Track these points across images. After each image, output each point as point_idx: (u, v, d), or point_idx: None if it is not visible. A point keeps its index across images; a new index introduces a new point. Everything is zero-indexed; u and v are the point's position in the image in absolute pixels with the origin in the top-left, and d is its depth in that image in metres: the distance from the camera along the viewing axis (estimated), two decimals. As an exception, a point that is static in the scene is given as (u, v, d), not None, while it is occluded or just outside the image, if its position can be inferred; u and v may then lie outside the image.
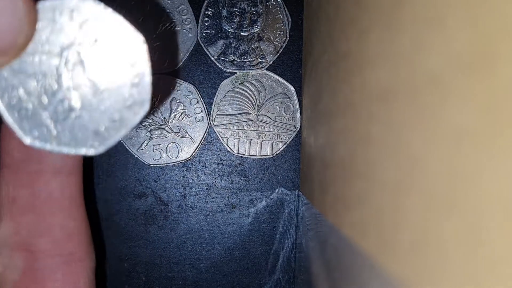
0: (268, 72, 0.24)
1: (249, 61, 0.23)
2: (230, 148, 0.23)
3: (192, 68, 0.24)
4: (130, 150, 0.23)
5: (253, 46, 0.23)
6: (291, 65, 0.24)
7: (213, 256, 0.24)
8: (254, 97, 0.24)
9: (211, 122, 0.23)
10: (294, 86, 0.24)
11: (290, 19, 0.24)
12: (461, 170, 0.08)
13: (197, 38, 0.23)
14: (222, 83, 0.23)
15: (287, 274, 0.24)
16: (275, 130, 0.24)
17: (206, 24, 0.23)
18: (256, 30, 0.23)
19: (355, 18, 0.14)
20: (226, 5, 0.23)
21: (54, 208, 0.16)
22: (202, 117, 0.23)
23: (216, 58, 0.23)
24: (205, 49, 0.23)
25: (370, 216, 0.12)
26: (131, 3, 0.23)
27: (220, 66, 0.23)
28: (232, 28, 0.23)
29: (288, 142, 0.24)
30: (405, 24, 0.10)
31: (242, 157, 0.24)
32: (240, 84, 0.24)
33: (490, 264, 0.07)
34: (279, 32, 0.23)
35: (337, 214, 0.15)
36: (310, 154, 0.21)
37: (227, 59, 0.23)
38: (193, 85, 0.23)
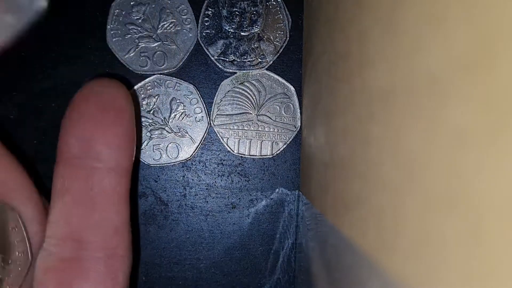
0: (268, 72, 0.24)
1: (249, 61, 0.23)
2: (230, 148, 0.23)
3: (192, 68, 0.24)
4: (130, 150, 0.23)
5: (253, 46, 0.23)
6: (291, 65, 0.24)
7: (213, 256, 0.24)
8: (254, 97, 0.24)
9: (211, 122, 0.23)
10: (294, 86, 0.24)
11: (290, 19, 0.24)
12: (461, 170, 0.08)
13: (197, 38, 0.23)
14: (222, 83, 0.23)
15: (287, 274, 0.24)
16: (275, 130, 0.24)
17: (206, 24, 0.23)
18: (256, 30, 0.23)
19: (355, 18, 0.14)
20: (226, 5, 0.23)
21: (105, 204, 0.17)
22: (202, 117, 0.23)
23: (216, 58, 0.23)
24: (205, 49, 0.23)
25: (370, 216, 0.12)
26: (131, 4, 0.23)
27: (220, 66, 0.23)
28: (232, 28, 0.23)
29: (288, 142, 0.24)
30: (405, 24, 0.10)
31: (242, 157, 0.24)
32: (240, 84, 0.24)
33: (490, 264, 0.07)
34: (279, 32, 0.23)
35: (337, 214, 0.15)
36: (310, 154, 0.21)
37: (227, 59, 0.23)
38: (193, 85, 0.23)
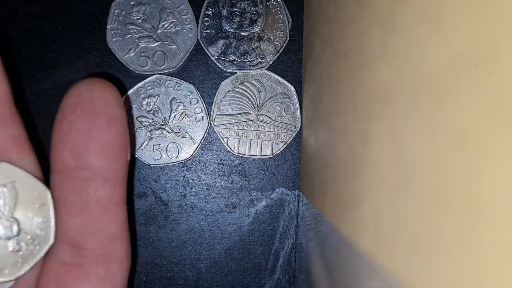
0: (268, 72, 0.24)
1: (249, 61, 0.23)
2: (230, 148, 0.23)
3: (192, 68, 0.24)
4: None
5: (253, 46, 0.23)
6: (291, 65, 0.24)
7: (213, 256, 0.24)
8: (254, 97, 0.24)
9: (211, 122, 0.23)
10: (294, 86, 0.24)
11: (290, 19, 0.24)
12: (461, 170, 0.08)
13: (197, 38, 0.23)
14: (222, 83, 0.23)
15: (287, 274, 0.24)
16: (275, 130, 0.24)
17: (206, 24, 0.23)
18: (256, 30, 0.23)
19: (355, 18, 0.14)
20: (226, 5, 0.23)
21: (101, 213, 0.17)
22: (202, 117, 0.23)
23: (216, 58, 0.23)
24: (205, 49, 0.23)
25: (370, 216, 0.12)
26: (131, 3, 0.23)
27: (220, 66, 0.23)
28: (232, 28, 0.23)
29: (288, 142, 0.24)
30: (405, 24, 0.10)
31: (242, 157, 0.24)
32: (240, 84, 0.24)
33: (490, 264, 0.07)
34: (279, 32, 0.23)
35: (337, 214, 0.15)
36: (310, 154, 0.21)
37: (227, 59, 0.23)
38: (193, 85, 0.23)
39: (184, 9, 0.23)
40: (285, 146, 0.24)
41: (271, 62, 0.23)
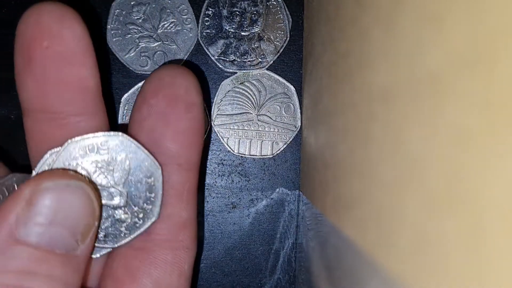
0: (268, 72, 0.24)
1: (249, 61, 0.23)
2: (230, 148, 0.23)
3: (192, 68, 0.24)
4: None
5: (253, 46, 0.23)
6: (292, 65, 0.24)
7: (213, 255, 0.24)
8: (254, 97, 0.24)
9: (212, 122, 0.23)
10: (294, 86, 0.24)
11: (290, 19, 0.24)
12: (461, 170, 0.08)
13: (197, 38, 0.23)
14: (222, 83, 0.23)
15: (288, 274, 0.24)
16: (276, 130, 0.24)
17: (206, 24, 0.23)
18: (256, 30, 0.23)
19: (355, 18, 0.14)
20: (226, 5, 0.23)
21: (174, 199, 0.17)
22: (203, 117, 0.23)
23: (216, 58, 0.23)
24: (205, 49, 0.23)
25: (371, 215, 0.12)
26: (131, 3, 0.23)
27: (220, 66, 0.23)
28: (232, 28, 0.23)
29: (288, 142, 0.24)
30: (405, 24, 0.10)
31: (242, 157, 0.24)
32: (240, 84, 0.24)
33: (490, 263, 0.07)
34: (280, 32, 0.23)
35: (337, 214, 0.15)
36: (310, 154, 0.21)
37: (228, 59, 0.23)
38: (193, 85, 0.23)
39: (184, 9, 0.23)
40: (285, 146, 0.24)
41: (271, 62, 0.23)
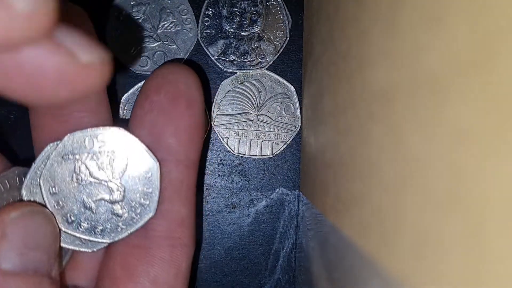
0: (268, 72, 0.24)
1: (249, 61, 0.23)
2: (230, 148, 0.23)
3: (192, 68, 0.24)
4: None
5: (253, 46, 0.23)
6: (291, 65, 0.24)
7: (213, 256, 0.24)
8: (254, 97, 0.24)
9: (211, 122, 0.23)
10: (294, 86, 0.24)
11: (290, 19, 0.24)
12: (461, 170, 0.08)
13: (197, 38, 0.23)
14: (222, 83, 0.23)
15: (287, 274, 0.24)
16: (276, 130, 0.24)
17: (206, 24, 0.23)
18: (256, 30, 0.23)
19: (355, 18, 0.14)
20: (226, 5, 0.23)
21: (172, 195, 0.17)
22: (202, 117, 0.23)
23: (216, 58, 0.23)
24: (205, 49, 0.23)
25: (371, 216, 0.12)
26: (131, 3, 0.23)
27: (220, 66, 0.23)
28: (232, 28, 0.23)
29: (288, 142, 0.24)
30: (405, 23, 0.10)
31: (242, 157, 0.24)
32: (240, 84, 0.24)
33: (491, 264, 0.07)
34: (279, 32, 0.23)
35: (337, 214, 0.15)
36: (310, 154, 0.21)
37: (227, 59, 0.23)
38: (193, 85, 0.23)
39: (184, 9, 0.23)
40: (285, 146, 0.24)
41: (271, 62, 0.23)
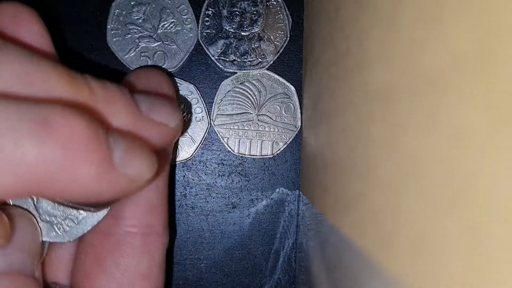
0: (268, 72, 0.24)
1: (249, 61, 0.23)
2: (230, 148, 0.23)
3: (192, 68, 0.24)
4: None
5: (253, 46, 0.23)
6: (292, 65, 0.24)
7: (213, 256, 0.24)
8: (254, 97, 0.24)
9: (212, 122, 0.23)
10: (294, 86, 0.24)
11: (290, 19, 0.24)
12: (461, 170, 0.08)
13: (197, 38, 0.23)
14: (222, 83, 0.23)
15: (288, 274, 0.24)
16: (276, 130, 0.24)
17: (206, 24, 0.23)
18: (256, 30, 0.23)
19: (355, 18, 0.14)
20: (226, 5, 0.23)
21: None
22: (203, 117, 0.23)
23: (216, 58, 0.23)
24: (205, 49, 0.23)
25: (371, 215, 0.12)
26: (131, 3, 0.23)
27: (220, 66, 0.23)
28: (232, 28, 0.23)
29: (288, 142, 0.24)
30: (404, 23, 0.10)
31: (242, 157, 0.24)
32: (240, 84, 0.24)
33: (490, 263, 0.07)
34: (280, 32, 0.23)
35: (337, 213, 0.15)
36: (310, 154, 0.21)
37: (228, 59, 0.23)
38: (193, 85, 0.23)
39: (184, 9, 0.23)
40: (285, 146, 0.24)
41: (271, 62, 0.23)
